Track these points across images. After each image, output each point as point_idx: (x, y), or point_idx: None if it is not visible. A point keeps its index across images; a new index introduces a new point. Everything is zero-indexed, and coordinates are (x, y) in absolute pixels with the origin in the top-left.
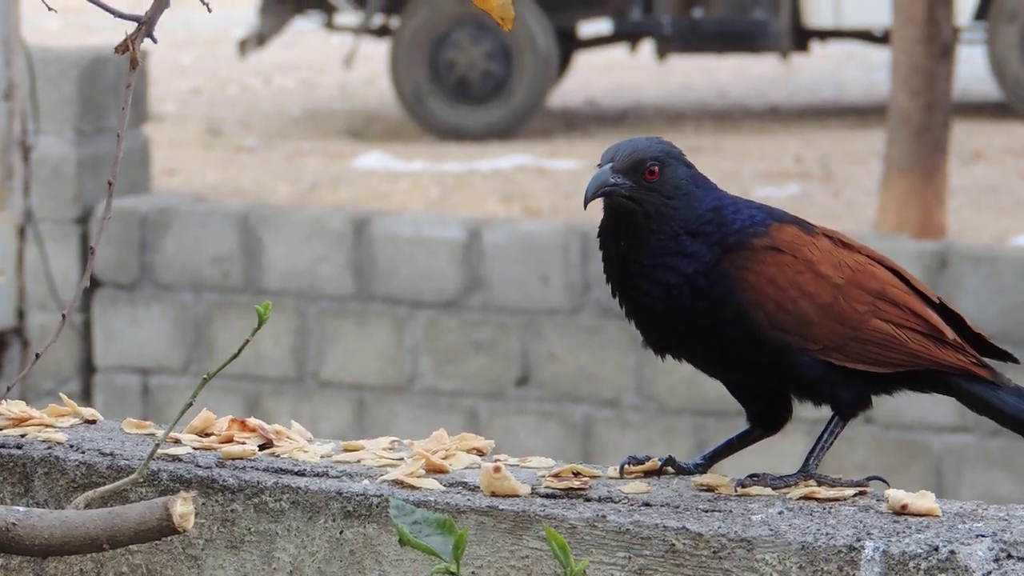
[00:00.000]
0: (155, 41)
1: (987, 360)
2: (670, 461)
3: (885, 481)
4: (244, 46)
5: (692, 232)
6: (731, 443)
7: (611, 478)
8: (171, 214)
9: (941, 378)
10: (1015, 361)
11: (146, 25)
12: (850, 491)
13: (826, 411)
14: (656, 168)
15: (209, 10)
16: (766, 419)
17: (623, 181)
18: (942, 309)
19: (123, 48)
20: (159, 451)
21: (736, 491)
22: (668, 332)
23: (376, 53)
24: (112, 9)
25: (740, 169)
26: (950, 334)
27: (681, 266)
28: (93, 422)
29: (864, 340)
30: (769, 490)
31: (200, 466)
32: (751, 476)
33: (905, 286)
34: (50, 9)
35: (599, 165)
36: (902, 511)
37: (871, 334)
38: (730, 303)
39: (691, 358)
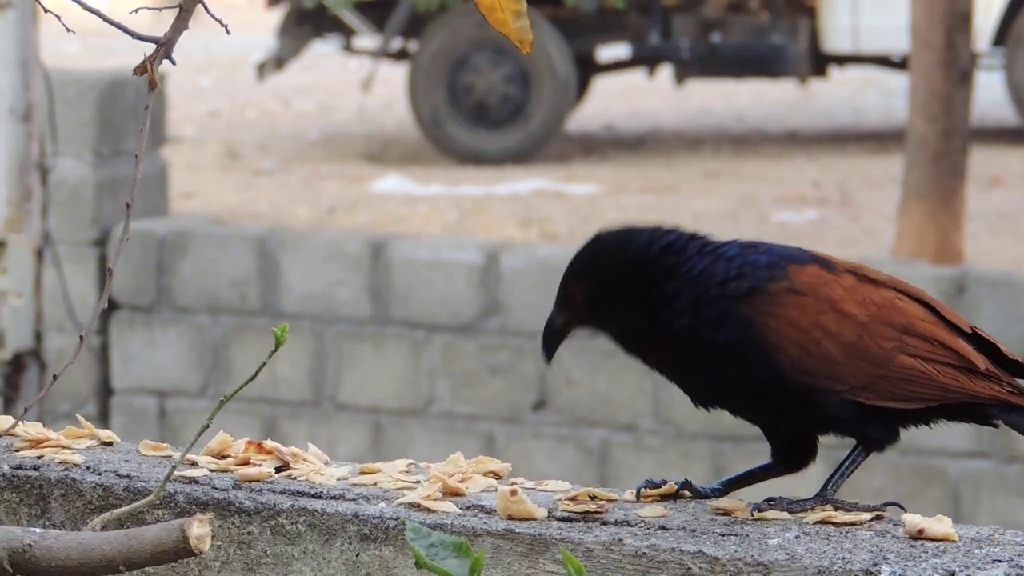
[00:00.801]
0: (174, 63)
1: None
2: (687, 485)
3: (901, 507)
4: (262, 69)
5: (655, 308)
6: (752, 473)
7: (627, 502)
8: (189, 237)
9: (977, 409)
10: None
11: (165, 47)
12: (867, 516)
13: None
14: (578, 291)
15: (228, 32)
16: (790, 458)
17: (561, 320)
18: (975, 338)
19: (141, 70)
20: (176, 473)
21: (752, 515)
22: (693, 381)
23: (394, 77)
24: (131, 31)
25: (758, 194)
26: (982, 364)
27: (668, 325)
28: (110, 444)
29: (892, 377)
30: (785, 514)
31: (217, 488)
32: (767, 500)
33: (934, 317)
34: (69, 31)
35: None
36: (919, 536)
37: (899, 371)
38: (753, 348)
39: (728, 406)
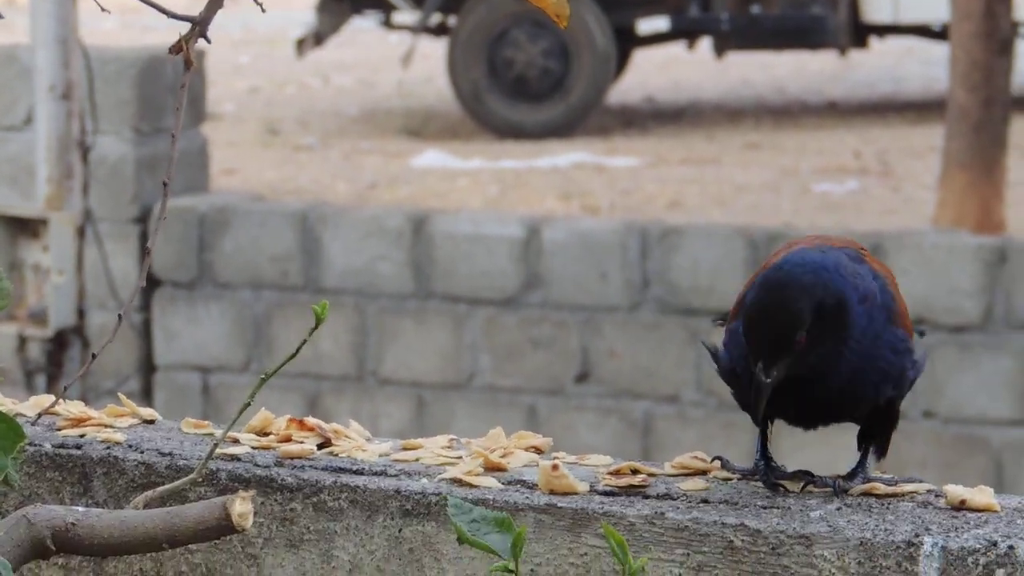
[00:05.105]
0: (209, 41)
1: None
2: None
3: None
4: (302, 46)
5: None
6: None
7: (669, 475)
8: (230, 213)
9: None
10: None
11: (200, 25)
12: (909, 487)
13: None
14: (803, 337)
15: (263, 10)
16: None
17: (773, 377)
18: None
19: (177, 48)
20: (218, 451)
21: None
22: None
23: (434, 52)
24: (165, 10)
25: (798, 165)
26: None
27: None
28: (152, 422)
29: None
30: (827, 487)
31: (259, 465)
32: (807, 477)
33: None
34: (103, 10)
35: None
36: (960, 506)
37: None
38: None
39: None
